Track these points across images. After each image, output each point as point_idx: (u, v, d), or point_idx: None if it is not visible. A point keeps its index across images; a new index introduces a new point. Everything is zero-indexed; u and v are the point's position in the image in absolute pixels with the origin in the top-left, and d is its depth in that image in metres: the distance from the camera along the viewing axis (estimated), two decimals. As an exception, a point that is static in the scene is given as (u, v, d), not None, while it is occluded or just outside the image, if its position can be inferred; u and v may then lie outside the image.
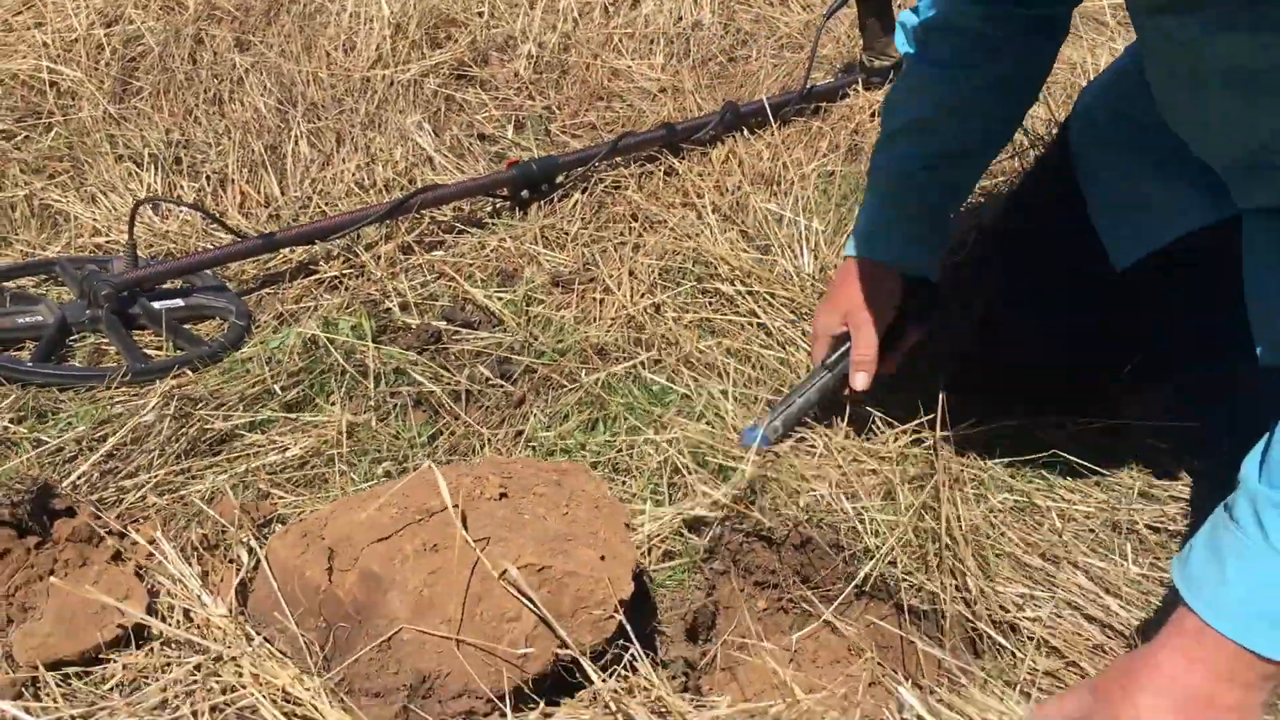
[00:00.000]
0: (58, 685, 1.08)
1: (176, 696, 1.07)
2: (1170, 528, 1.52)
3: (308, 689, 1.08)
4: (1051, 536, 1.51)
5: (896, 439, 1.64)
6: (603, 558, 1.18)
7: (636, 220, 2.17)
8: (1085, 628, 1.34)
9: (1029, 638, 1.32)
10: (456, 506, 1.19)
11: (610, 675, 1.12)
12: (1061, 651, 1.31)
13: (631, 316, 1.87)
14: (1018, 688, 1.24)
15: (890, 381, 1.64)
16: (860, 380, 1.57)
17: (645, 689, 1.09)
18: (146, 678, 1.10)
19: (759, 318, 1.88)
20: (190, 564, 1.23)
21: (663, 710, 1.08)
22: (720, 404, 1.68)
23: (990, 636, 1.33)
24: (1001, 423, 1.72)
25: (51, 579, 1.16)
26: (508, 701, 1.07)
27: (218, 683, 1.08)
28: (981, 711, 1.13)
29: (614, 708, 1.06)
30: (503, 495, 1.26)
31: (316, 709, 1.05)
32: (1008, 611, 1.36)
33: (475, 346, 1.80)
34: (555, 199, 2.23)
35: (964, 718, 1.12)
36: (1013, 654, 1.31)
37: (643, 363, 1.77)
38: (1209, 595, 1.03)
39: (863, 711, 1.25)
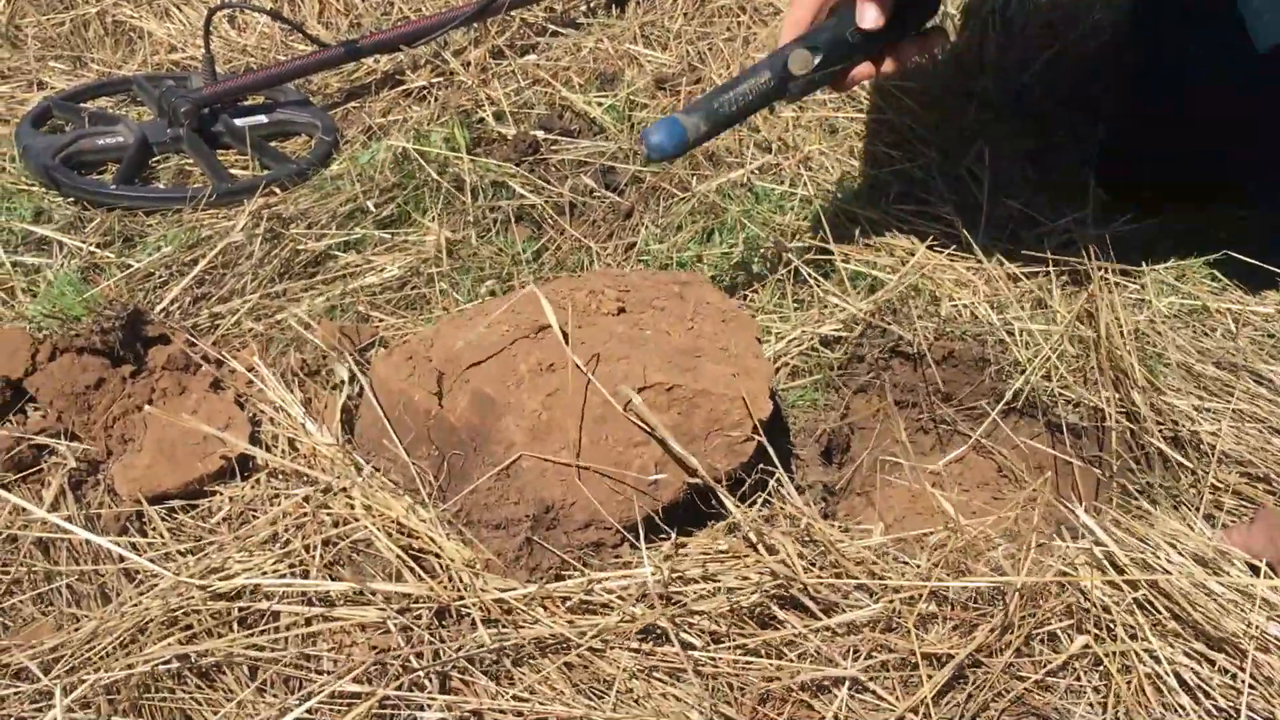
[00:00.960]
0: (163, 519, 1.03)
1: (287, 530, 1.00)
2: (1367, 331, 1.34)
3: (424, 520, 1.00)
4: (1225, 343, 1.35)
5: (1045, 240, 1.47)
6: (735, 375, 1.07)
7: (745, 12, 1.97)
8: (1272, 442, 1.20)
9: (1207, 452, 1.18)
10: (566, 329, 1.08)
11: (749, 504, 1.02)
12: (1246, 467, 1.17)
13: (745, 117, 1.70)
14: (1200, 510, 1.11)
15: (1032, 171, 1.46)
16: (871, 14, 1.15)
17: (791, 518, 0.99)
18: (254, 510, 1.04)
19: (884, 114, 1.70)
20: (292, 391, 1.15)
21: (809, 540, 0.98)
22: (849, 206, 1.53)
23: (1163, 453, 1.20)
24: (1160, 219, 1.54)
25: (148, 408, 1.09)
26: (640, 531, 0.98)
27: (328, 515, 1.01)
28: (1167, 535, 1.01)
29: (755, 539, 0.97)
30: (620, 310, 1.14)
31: (434, 541, 0.97)
32: (1180, 426, 1.22)
33: (577, 156, 1.66)
34: (655, -7, 2.04)
35: (1146, 543, 1.00)
36: (1191, 471, 1.17)
37: (760, 167, 1.61)
38: None
39: (1031, 538, 1.13)
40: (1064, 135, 1.72)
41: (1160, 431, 1.21)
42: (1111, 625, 0.95)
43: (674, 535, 1.00)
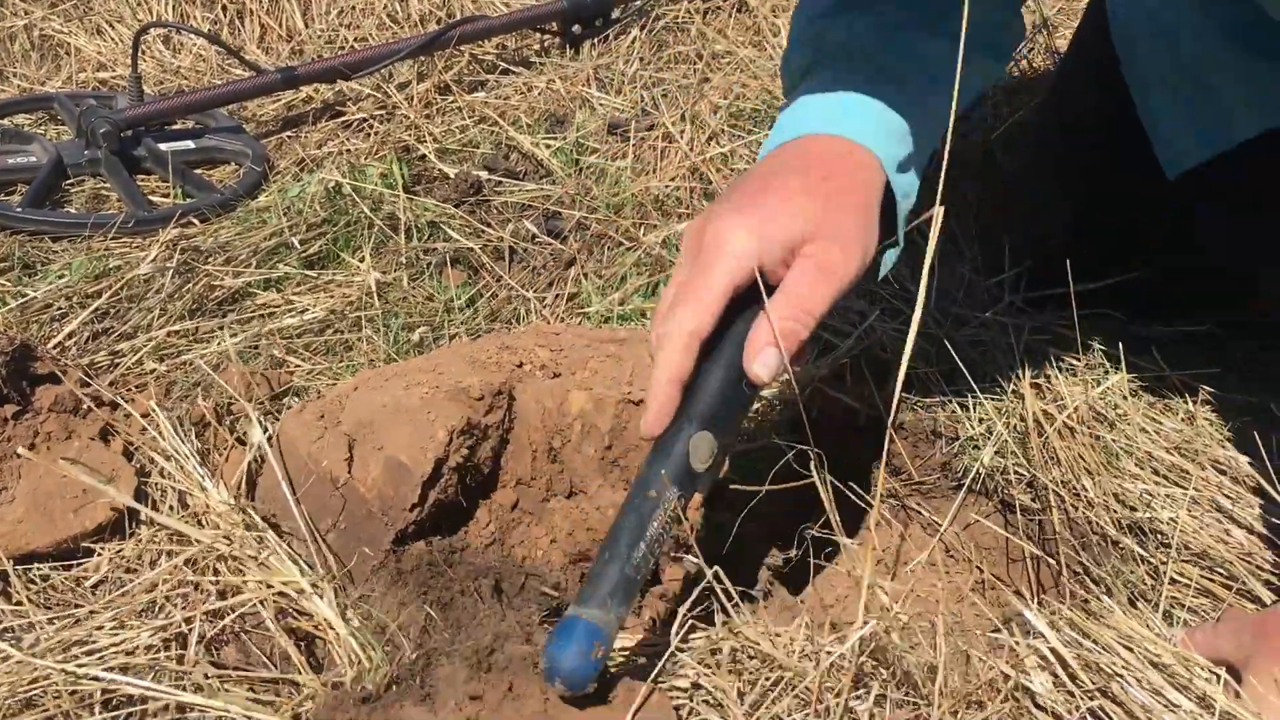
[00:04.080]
0: (26, 585, 0.92)
1: (168, 598, 0.90)
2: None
3: (320, 597, 0.91)
4: (1181, 425, 1.30)
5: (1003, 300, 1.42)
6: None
7: (701, 60, 1.91)
8: (1232, 534, 1.14)
9: (1164, 544, 1.12)
10: (501, 392, 1.00)
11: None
12: (1206, 560, 1.11)
13: (696, 167, 1.64)
14: (1159, 607, 1.05)
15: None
16: (772, 361, 0.82)
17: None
18: (134, 574, 0.94)
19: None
20: (189, 441, 1.05)
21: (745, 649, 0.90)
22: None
23: (1117, 541, 1.13)
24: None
25: (21, 451, 0.99)
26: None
27: (214, 584, 0.91)
28: (1123, 636, 0.94)
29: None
30: (555, 375, 1.07)
31: (329, 625, 0.88)
32: (1135, 511, 1.16)
33: (520, 199, 1.59)
34: (611, 36, 1.98)
35: (1099, 645, 0.93)
36: (1147, 561, 1.11)
37: (710, 220, 1.55)
38: None
39: (968, 631, 1.06)
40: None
41: (1113, 518, 1.15)
42: (1063, 736, 0.88)
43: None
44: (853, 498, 0.96)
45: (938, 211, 0.79)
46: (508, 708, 0.77)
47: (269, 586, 0.91)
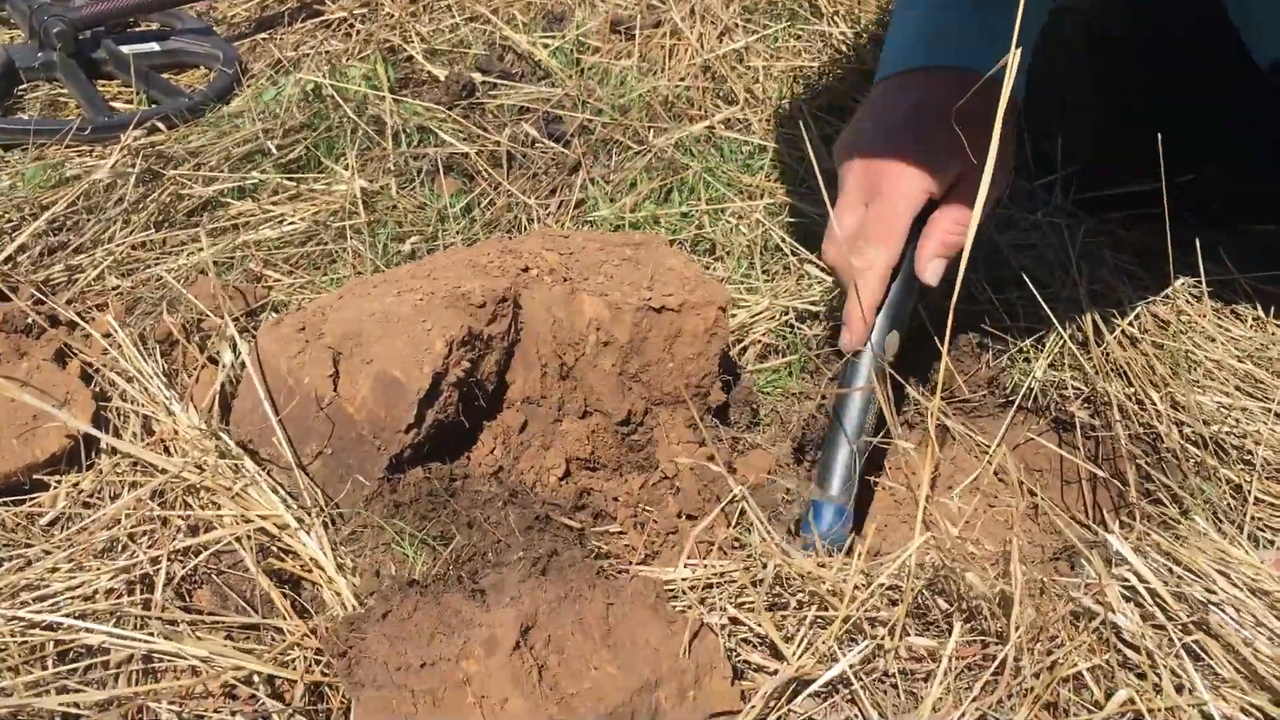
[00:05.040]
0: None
1: (131, 536, 0.79)
2: None
3: (307, 532, 0.79)
4: (1252, 333, 1.18)
5: (1052, 203, 1.29)
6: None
7: (710, -48, 1.76)
8: (1316, 450, 1.03)
9: (1246, 460, 1.01)
10: (505, 299, 0.88)
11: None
12: (1289, 479, 1.00)
13: (708, 65, 1.50)
14: (1244, 530, 0.94)
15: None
16: (938, 270, 0.97)
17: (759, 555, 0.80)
18: (93, 509, 0.82)
19: (865, 64, 1.51)
20: (154, 360, 0.93)
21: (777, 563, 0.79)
22: (826, 166, 1.33)
23: (1195, 458, 1.02)
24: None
25: (-37, 378, 0.87)
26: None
27: (184, 520, 0.80)
28: (1217, 560, 0.83)
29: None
30: (565, 281, 0.94)
31: (317, 564, 0.77)
32: (1210, 425, 1.05)
33: (518, 102, 1.45)
34: (610, -73, 1.82)
35: (1193, 571, 0.83)
36: (1228, 479, 1.00)
37: (725, 120, 1.42)
38: None
39: (1024, 552, 0.96)
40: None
41: (1184, 433, 1.04)
42: (1156, 675, 0.77)
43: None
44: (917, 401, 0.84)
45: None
46: (568, 609, 0.68)
47: (247, 521, 0.80)
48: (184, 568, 0.77)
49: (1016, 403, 1.14)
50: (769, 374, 1.14)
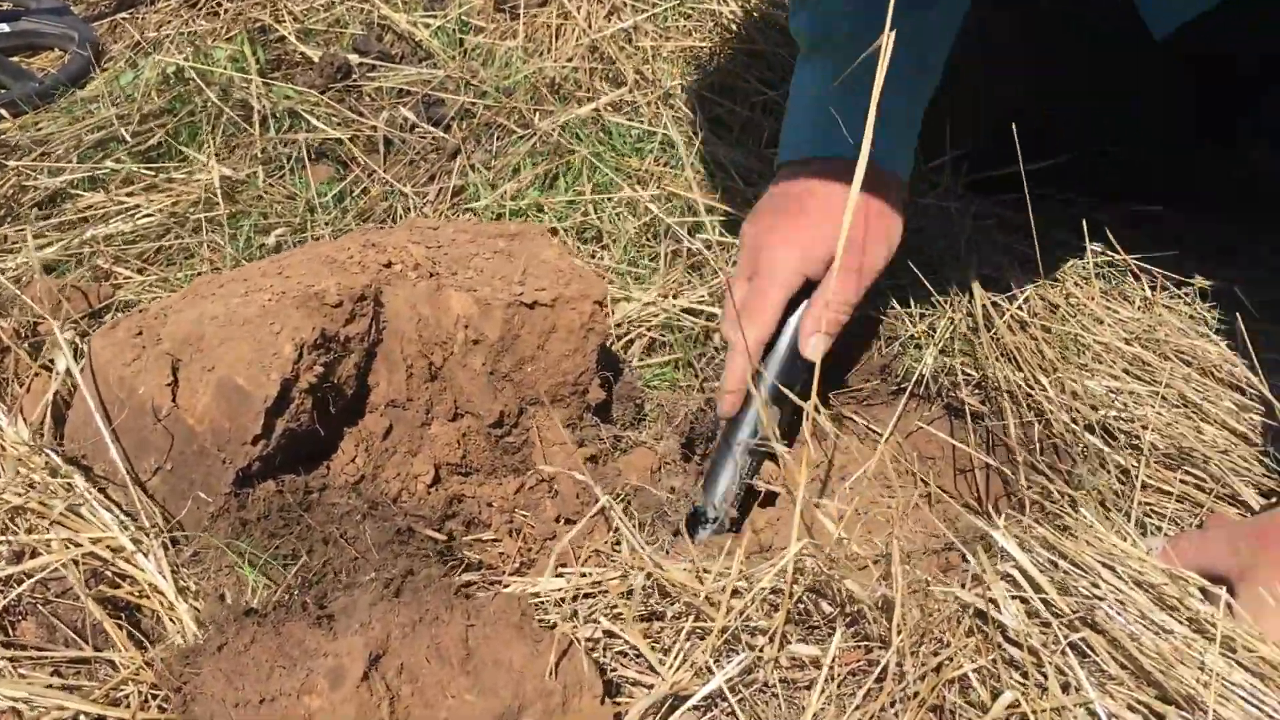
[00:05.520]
0: None
1: (-55, 566, 0.72)
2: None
3: (144, 555, 0.73)
4: (1138, 314, 1.18)
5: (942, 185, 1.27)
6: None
7: (600, -73, 1.71)
8: (1205, 429, 1.02)
9: (1133, 445, 1.00)
10: (365, 297, 0.82)
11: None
12: (1181, 459, 0.99)
13: (596, 45, 1.45)
14: (1132, 518, 0.92)
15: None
16: (819, 346, 0.99)
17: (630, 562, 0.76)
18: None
19: (755, 44, 1.47)
20: (-20, 370, 0.86)
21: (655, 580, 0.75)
22: (716, 150, 1.30)
23: (1081, 444, 1.01)
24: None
25: None
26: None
27: (7, 545, 0.73)
28: (1102, 554, 0.81)
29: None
30: (432, 276, 0.89)
31: (156, 589, 0.71)
32: (1098, 410, 1.03)
33: (396, 84, 1.39)
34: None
35: (1078, 565, 0.81)
36: (1116, 465, 0.99)
37: (613, 103, 1.37)
38: None
39: (919, 554, 0.93)
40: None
41: (1073, 419, 1.03)
42: (1042, 674, 0.75)
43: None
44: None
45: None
46: (423, 633, 0.63)
47: (77, 545, 0.73)
48: (4, 599, 0.70)
49: (909, 390, 1.12)
50: (656, 368, 1.10)
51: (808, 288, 1.00)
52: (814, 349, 0.98)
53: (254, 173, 1.21)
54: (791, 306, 1.00)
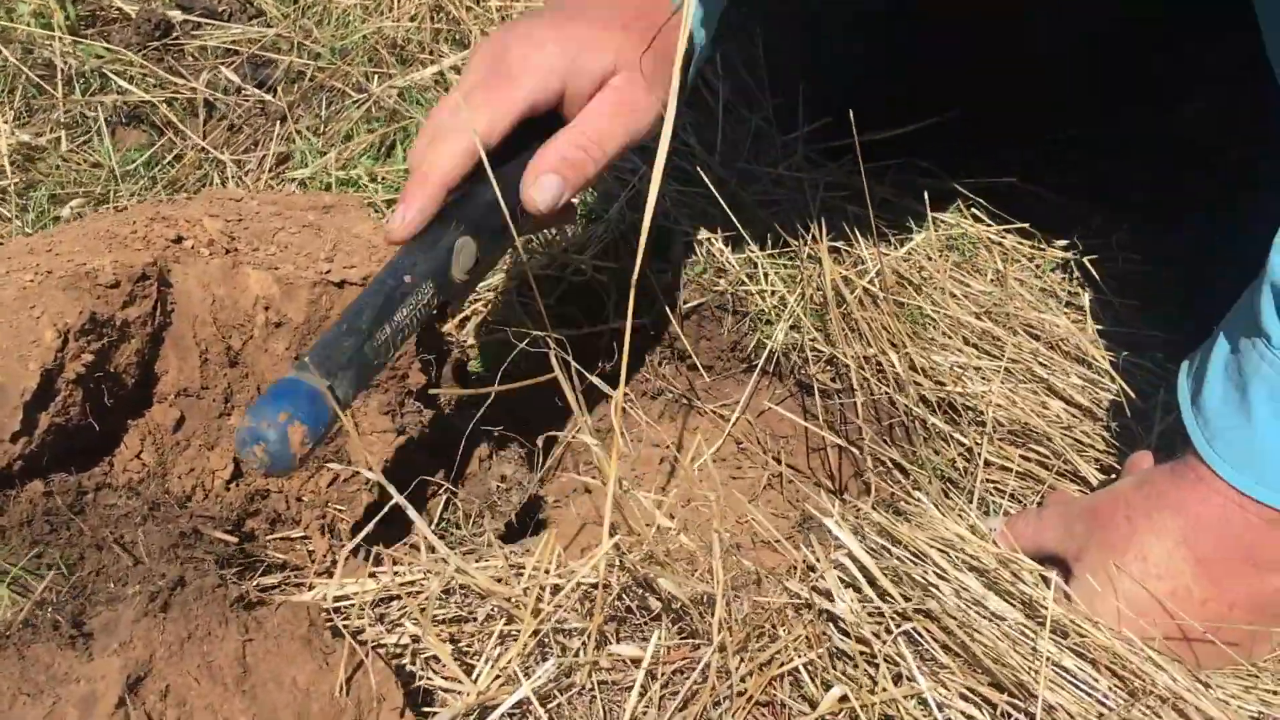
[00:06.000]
0: None
1: None
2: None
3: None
4: (992, 288, 1.16)
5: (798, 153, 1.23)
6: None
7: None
8: (1050, 404, 1.01)
9: (978, 421, 0.98)
10: (146, 277, 0.75)
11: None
12: (1024, 435, 0.97)
13: (440, 5, 1.38)
14: (974, 496, 0.90)
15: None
16: (548, 188, 0.74)
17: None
18: None
19: None
20: None
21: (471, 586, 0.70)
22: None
23: (927, 421, 0.98)
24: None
25: None
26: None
27: None
28: (938, 539, 0.79)
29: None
30: (228, 253, 0.81)
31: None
32: (945, 386, 1.01)
33: (222, 42, 1.29)
34: None
35: (903, 544, 0.78)
36: (959, 442, 0.96)
37: (455, 65, 1.30)
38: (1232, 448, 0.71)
39: (760, 542, 0.90)
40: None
41: (921, 395, 1.00)
42: (872, 664, 0.72)
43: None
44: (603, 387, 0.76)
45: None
46: (193, 651, 0.57)
47: None
48: None
49: (760, 367, 1.09)
50: (494, 347, 1.04)
51: (548, 126, 0.76)
52: (542, 190, 0.73)
53: (57, 138, 1.11)
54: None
